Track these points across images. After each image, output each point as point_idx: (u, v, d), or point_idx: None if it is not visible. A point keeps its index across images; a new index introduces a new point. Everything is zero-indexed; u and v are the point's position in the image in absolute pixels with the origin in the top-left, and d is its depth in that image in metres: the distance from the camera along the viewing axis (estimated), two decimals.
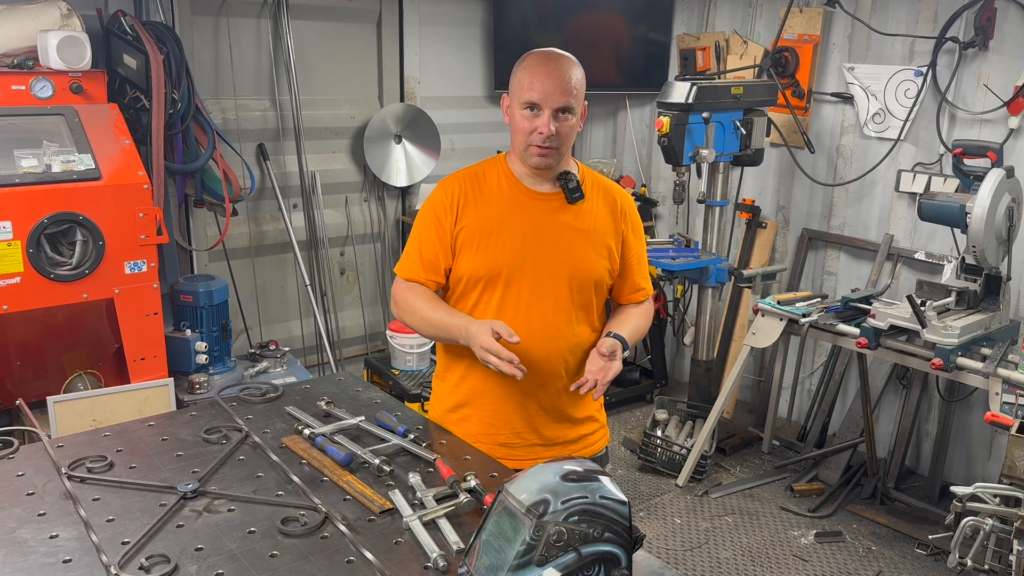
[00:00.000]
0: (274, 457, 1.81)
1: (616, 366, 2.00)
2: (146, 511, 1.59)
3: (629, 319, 2.17)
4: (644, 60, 5.22)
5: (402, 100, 4.77)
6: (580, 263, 2.08)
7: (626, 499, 1.34)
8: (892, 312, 3.44)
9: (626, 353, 2.07)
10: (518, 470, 1.48)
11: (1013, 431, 2.67)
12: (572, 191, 2.07)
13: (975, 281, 3.38)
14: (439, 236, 2.08)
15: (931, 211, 3.40)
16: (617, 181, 5.20)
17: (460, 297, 2.11)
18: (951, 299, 3.41)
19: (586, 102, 2.06)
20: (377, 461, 1.78)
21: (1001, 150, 3.43)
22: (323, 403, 2.09)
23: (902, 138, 4.14)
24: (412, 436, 1.91)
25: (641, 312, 2.22)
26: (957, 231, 3.65)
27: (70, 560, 1.44)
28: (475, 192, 2.09)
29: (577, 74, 2.00)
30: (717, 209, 4.28)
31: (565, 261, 2.06)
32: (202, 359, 3.63)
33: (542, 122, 1.96)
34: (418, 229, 2.13)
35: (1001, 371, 3.10)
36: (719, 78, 4.61)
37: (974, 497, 2.63)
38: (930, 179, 4.04)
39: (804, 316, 3.71)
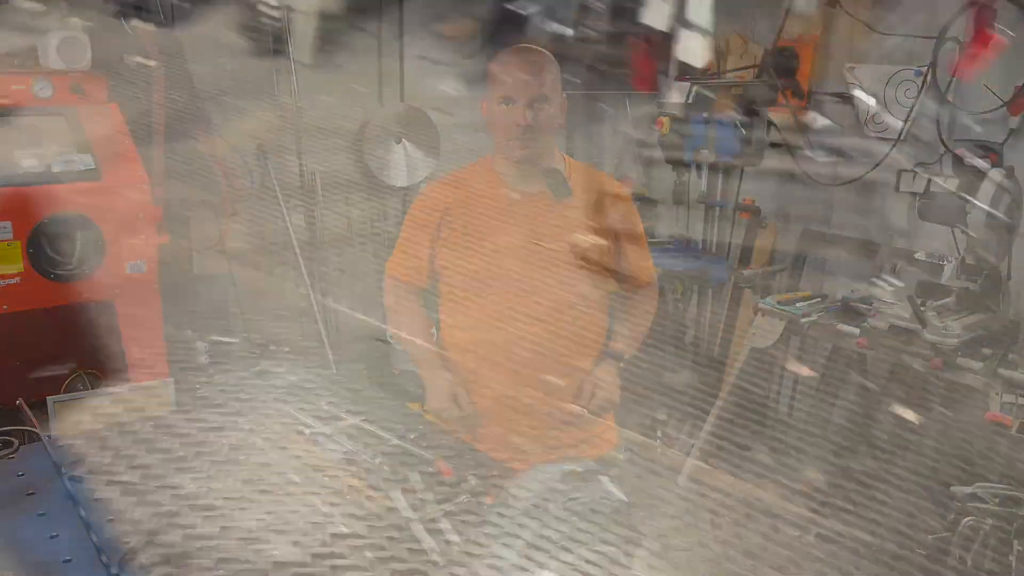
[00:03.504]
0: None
1: (593, 380, 2.02)
2: (147, 511, 1.59)
3: (622, 328, 2.15)
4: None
5: (402, 100, 4.77)
6: (568, 259, 2.06)
7: (626, 499, 1.34)
8: (892, 312, 3.43)
9: (626, 354, 2.06)
10: (518, 470, 1.48)
11: (1013, 431, 2.66)
12: (558, 188, 2.06)
13: (975, 281, 3.37)
14: (422, 240, 2.08)
15: (931, 211, 3.39)
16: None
17: (448, 300, 2.10)
18: (951, 299, 3.41)
19: (564, 95, 2.06)
20: (377, 461, 1.78)
21: (1001, 150, 3.43)
22: (323, 403, 2.08)
23: (902, 138, 4.13)
24: (412, 436, 1.91)
25: (638, 310, 2.17)
26: (957, 231, 3.64)
27: (70, 560, 1.44)
28: (459, 195, 2.09)
29: (549, 65, 2.00)
30: (717, 209, 4.28)
31: (553, 258, 2.05)
32: (202, 359, 3.63)
33: (519, 114, 1.97)
34: (404, 232, 2.14)
35: (1001, 371, 3.10)
36: (719, 78, 4.60)
37: (974, 497, 2.63)
38: (930, 179, 4.03)
39: (804, 316, 3.71)
